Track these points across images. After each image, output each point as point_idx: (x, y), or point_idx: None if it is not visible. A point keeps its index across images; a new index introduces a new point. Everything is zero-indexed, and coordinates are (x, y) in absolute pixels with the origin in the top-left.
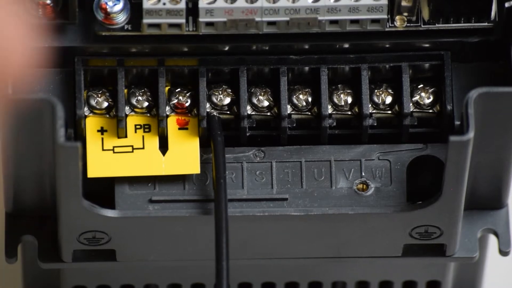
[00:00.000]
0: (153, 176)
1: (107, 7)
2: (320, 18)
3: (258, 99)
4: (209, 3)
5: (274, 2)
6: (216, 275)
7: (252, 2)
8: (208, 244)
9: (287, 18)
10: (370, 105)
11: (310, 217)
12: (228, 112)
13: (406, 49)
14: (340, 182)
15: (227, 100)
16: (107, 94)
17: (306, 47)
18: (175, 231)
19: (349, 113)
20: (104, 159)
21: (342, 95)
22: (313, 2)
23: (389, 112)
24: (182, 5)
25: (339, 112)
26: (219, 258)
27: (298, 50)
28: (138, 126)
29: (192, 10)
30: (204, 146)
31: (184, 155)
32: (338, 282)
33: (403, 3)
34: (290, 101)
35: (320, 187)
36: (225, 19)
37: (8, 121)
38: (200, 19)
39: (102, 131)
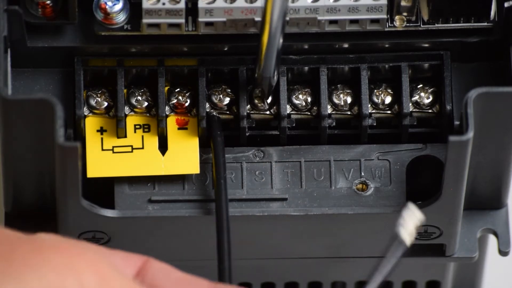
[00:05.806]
0: (153, 176)
1: (107, 7)
2: (319, 18)
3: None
4: (209, 3)
5: None
6: (219, 275)
7: (251, 2)
8: (208, 244)
9: (286, 18)
10: (369, 105)
11: (309, 217)
12: (228, 112)
13: (406, 49)
14: (339, 182)
15: (227, 100)
16: (107, 94)
17: (306, 47)
18: (175, 231)
19: (349, 113)
20: (103, 159)
21: (341, 95)
22: (312, 2)
23: (389, 112)
24: (181, 5)
25: (339, 112)
26: (221, 258)
27: (297, 50)
28: (137, 126)
29: (192, 10)
30: (203, 146)
31: (184, 155)
32: (337, 282)
33: (403, 3)
34: (290, 101)
35: (320, 187)
36: (224, 19)
37: (8, 121)
38: (200, 19)
39: (101, 131)
